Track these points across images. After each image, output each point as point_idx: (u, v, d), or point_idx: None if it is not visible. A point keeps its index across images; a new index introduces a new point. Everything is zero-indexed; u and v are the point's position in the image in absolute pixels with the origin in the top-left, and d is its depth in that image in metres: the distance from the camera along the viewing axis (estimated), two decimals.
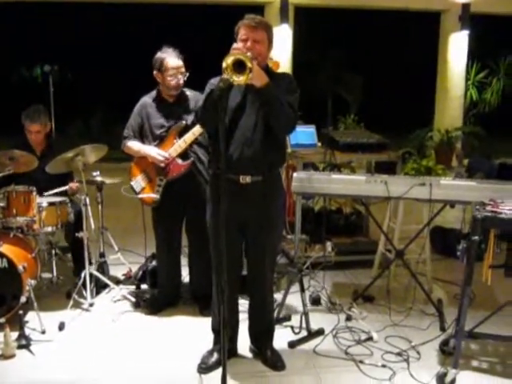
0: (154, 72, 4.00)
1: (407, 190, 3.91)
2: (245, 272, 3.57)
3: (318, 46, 14.43)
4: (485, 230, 3.13)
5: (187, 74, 4.00)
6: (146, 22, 15.81)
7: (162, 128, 4.03)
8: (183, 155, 3.98)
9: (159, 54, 3.98)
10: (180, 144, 3.94)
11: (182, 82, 3.98)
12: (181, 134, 3.97)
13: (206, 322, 3.83)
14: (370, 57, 16.05)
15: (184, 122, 3.98)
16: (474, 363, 3.56)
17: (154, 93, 4.11)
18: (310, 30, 14.19)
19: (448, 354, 3.54)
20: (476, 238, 3.11)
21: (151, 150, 3.98)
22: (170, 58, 3.94)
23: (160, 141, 4.03)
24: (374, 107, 14.08)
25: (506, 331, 3.74)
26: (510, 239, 3.13)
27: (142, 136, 4.09)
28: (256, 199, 3.23)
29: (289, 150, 5.00)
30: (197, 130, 3.88)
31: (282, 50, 10.28)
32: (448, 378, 3.22)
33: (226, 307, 2.77)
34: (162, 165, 3.95)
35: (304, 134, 5.14)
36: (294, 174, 4.06)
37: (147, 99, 4.10)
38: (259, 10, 10.28)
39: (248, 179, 3.18)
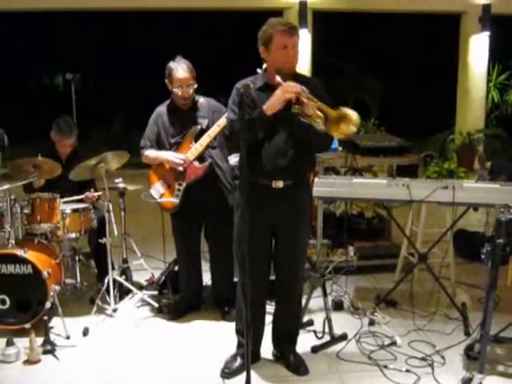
0: (166, 80, 4.04)
1: (430, 194, 3.88)
2: (272, 277, 3.57)
3: (337, 49, 14.39)
4: (509, 233, 3.09)
5: (195, 86, 4.01)
6: (166, 29, 15.88)
7: (178, 135, 4.05)
8: (200, 158, 4.00)
9: (170, 64, 4.00)
10: (196, 147, 3.97)
11: (190, 92, 3.99)
12: (196, 138, 3.99)
13: (228, 327, 3.84)
14: (389, 60, 15.97)
15: (199, 126, 4.00)
16: (500, 368, 3.51)
17: (167, 102, 4.14)
18: (330, 34, 14.17)
19: (473, 358, 3.49)
20: (500, 240, 3.07)
21: (168, 155, 4.01)
22: (178, 70, 3.96)
23: (176, 147, 4.05)
24: (394, 111, 13.96)
25: None
26: None
27: (159, 145, 4.11)
28: (287, 203, 3.27)
29: None
30: (212, 131, 3.91)
31: (301, 55, 10.26)
32: (474, 383, 3.19)
33: (250, 311, 2.78)
34: (181, 168, 3.96)
35: None
36: (316, 179, 4.05)
37: (162, 108, 4.14)
38: (278, 14, 10.30)
39: (280, 184, 3.22)
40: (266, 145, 3.17)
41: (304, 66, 10.33)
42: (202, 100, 4.10)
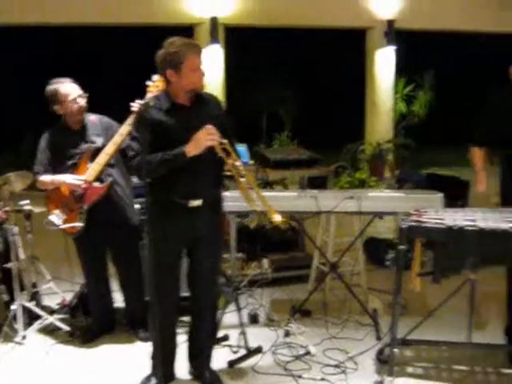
0: (54, 106, 3.89)
1: (337, 204, 3.99)
2: (185, 293, 3.56)
3: (250, 64, 14.60)
4: (411, 240, 3.23)
5: (87, 95, 3.93)
6: (66, 46, 15.43)
7: (73, 157, 3.92)
8: (99, 178, 3.89)
9: (50, 87, 3.87)
10: (94, 167, 3.84)
11: (83, 104, 3.90)
12: (93, 157, 3.87)
13: (143, 348, 3.78)
14: (302, 74, 16.35)
15: (94, 145, 3.90)
16: (409, 369, 3.64)
17: (57, 124, 4.01)
18: (243, 48, 14.36)
19: (384, 362, 3.60)
20: (403, 247, 3.20)
21: (66, 178, 3.85)
22: (63, 85, 3.86)
23: (73, 169, 3.91)
24: (308, 123, 14.32)
25: (438, 336, 3.86)
26: (435, 247, 3.22)
27: (55, 169, 3.95)
28: (202, 221, 3.26)
29: None
30: (109, 149, 3.80)
31: (214, 70, 10.35)
32: None
33: (162, 331, 2.74)
34: (80, 190, 3.84)
35: None
36: (226, 193, 4.07)
37: (51, 132, 4.01)
38: (189, 31, 10.32)
39: (196, 203, 3.21)
40: (181, 166, 3.12)
41: (217, 82, 10.40)
42: (93, 117, 4.01)
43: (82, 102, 3.91)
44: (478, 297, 3.80)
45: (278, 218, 3.04)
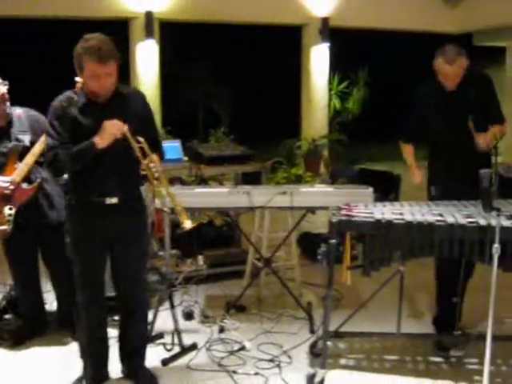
0: None
1: (269, 200, 4.01)
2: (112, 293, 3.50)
3: (187, 59, 14.50)
4: (341, 233, 3.28)
5: (7, 83, 3.76)
6: None
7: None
8: (28, 178, 3.77)
9: None
10: (22, 168, 3.72)
11: (4, 91, 3.73)
12: (21, 156, 3.75)
13: (76, 348, 3.69)
14: (240, 70, 16.37)
15: (21, 143, 3.77)
16: (342, 361, 3.71)
17: None
18: (179, 44, 14.24)
19: (317, 355, 3.66)
20: (334, 241, 3.24)
21: None
22: None
23: (0, 170, 3.76)
24: (245, 119, 14.35)
25: (371, 327, 3.96)
26: (365, 240, 3.28)
27: None
28: (121, 218, 3.20)
29: None
30: (37, 150, 3.70)
31: (148, 66, 10.23)
32: (317, 379, 3.34)
33: (91, 333, 2.69)
34: (8, 192, 3.70)
35: (169, 149, 5.11)
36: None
37: None
38: (123, 25, 10.14)
39: (113, 200, 3.14)
40: (95, 164, 3.07)
41: (152, 77, 10.28)
42: (18, 111, 3.86)
43: (3, 89, 3.75)
44: (408, 288, 3.93)
45: (188, 225, 3.04)
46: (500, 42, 12.95)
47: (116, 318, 3.80)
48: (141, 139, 3.04)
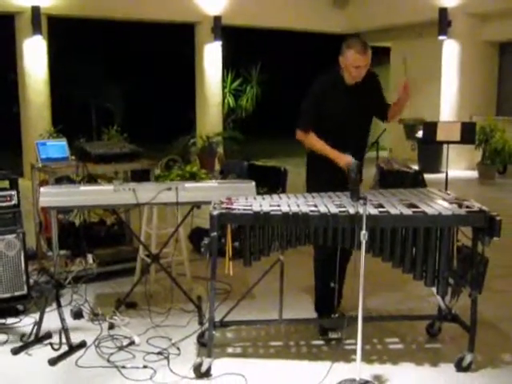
0: None
1: (155, 196, 4.08)
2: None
3: (77, 57, 14.17)
4: (222, 226, 3.41)
5: None
6: None
7: None
8: None
9: None
10: None
11: None
12: None
13: None
14: (133, 68, 16.18)
15: None
16: (229, 350, 3.85)
17: None
18: (69, 41, 13.88)
19: (204, 345, 3.75)
20: (215, 234, 3.37)
21: None
22: None
23: None
24: (139, 118, 14.25)
25: (258, 315, 4.14)
26: (244, 232, 3.42)
27: None
28: None
29: (39, 165, 4.92)
30: None
31: (36, 62, 9.96)
32: (203, 367, 3.45)
33: None
34: None
35: (54, 148, 5.06)
36: (41, 189, 3.99)
37: None
38: (9, 19, 9.77)
39: None
40: None
41: (40, 74, 10.02)
42: None
43: None
44: (290, 276, 4.14)
45: None
46: (385, 42, 13.67)
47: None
48: None
